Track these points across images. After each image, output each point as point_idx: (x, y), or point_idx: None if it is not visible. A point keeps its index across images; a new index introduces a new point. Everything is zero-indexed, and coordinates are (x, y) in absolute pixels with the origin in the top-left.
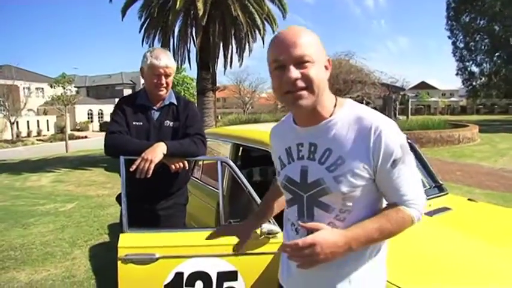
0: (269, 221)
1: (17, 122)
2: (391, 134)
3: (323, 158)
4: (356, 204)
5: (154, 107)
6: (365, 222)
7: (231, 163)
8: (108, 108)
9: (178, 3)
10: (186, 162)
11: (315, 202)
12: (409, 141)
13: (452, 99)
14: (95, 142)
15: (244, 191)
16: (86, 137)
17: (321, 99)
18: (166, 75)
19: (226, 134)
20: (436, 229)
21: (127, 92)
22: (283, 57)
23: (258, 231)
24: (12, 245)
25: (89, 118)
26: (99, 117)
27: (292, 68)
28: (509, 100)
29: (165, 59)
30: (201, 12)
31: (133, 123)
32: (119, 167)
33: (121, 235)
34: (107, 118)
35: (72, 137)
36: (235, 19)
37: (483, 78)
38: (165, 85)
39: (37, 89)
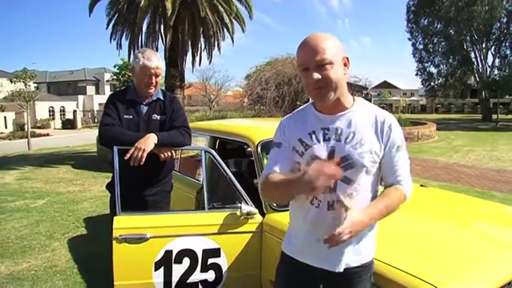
0: (247, 203)
1: None
2: (398, 127)
3: (348, 138)
4: (364, 181)
5: (143, 102)
6: (375, 202)
7: (213, 152)
8: (70, 105)
9: (143, 1)
10: (173, 152)
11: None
12: None
13: (412, 98)
14: (58, 140)
15: (223, 177)
16: (47, 134)
17: (343, 91)
18: (156, 75)
19: (204, 128)
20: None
21: (90, 89)
22: (306, 62)
23: (238, 212)
24: None
25: (50, 115)
26: (61, 115)
27: (314, 71)
28: (464, 100)
29: (156, 61)
30: (169, 12)
31: (125, 116)
32: (112, 156)
33: (115, 218)
34: (69, 115)
35: (33, 135)
36: (204, 18)
37: (440, 79)
38: (154, 84)
39: None
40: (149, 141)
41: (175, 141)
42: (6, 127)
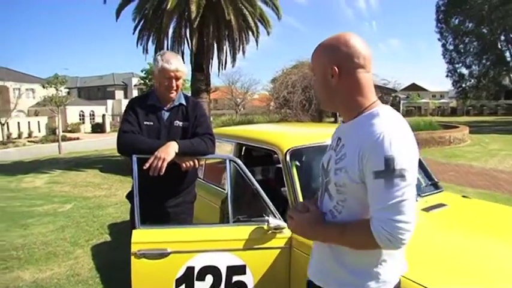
0: (275, 216)
1: (7, 124)
2: (383, 145)
3: (337, 149)
4: (349, 201)
5: (165, 108)
6: (340, 224)
7: (239, 161)
8: (99, 110)
9: (170, 4)
10: (196, 161)
11: (326, 188)
12: None
13: (442, 100)
14: (87, 143)
15: (249, 188)
16: (78, 138)
17: (338, 104)
18: (177, 78)
19: (229, 134)
20: (434, 224)
21: (119, 93)
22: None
23: (265, 226)
24: (13, 245)
25: (80, 119)
26: (90, 119)
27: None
28: (498, 102)
29: (176, 63)
30: (193, 15)
31: (145, 123)
32: (131, 165)
33: (134, 231)
34: (98, 119)
35: (64, 139)
36: (229, 21)
37: (472, 80)
38: (175, 88)
39: (27, 89)
40: (170, 150)
41: (197, 149)
42: (39, 131)
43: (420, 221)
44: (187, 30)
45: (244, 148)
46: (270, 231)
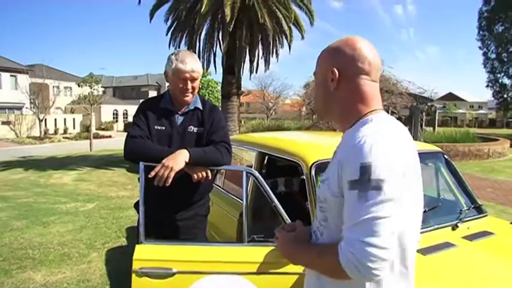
0: None
1: (45, 120)
2: (361, 150)
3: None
4: (330, 221)
5: (179, 112)
6: (314, 245)
7: (257, 174)
8: (133, 109)
9: (204, 6)
10: (209, 172)
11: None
12: (445, 157)
13: (480, 111)
14: (118, 142)
15: (268, 204)
16: (110, 136)
17: (334, 112)
18: (193, 80)
19: (252, 141)
20: (479, 256)
21: (152, 93)
22: None
23: None
24: (31, 243)
25: (114, 118)
26: (124, 118)
27: None
28: None
29: (191, 63)
30: (228, 18)
31: (156, 127)
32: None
33: (137, 246)
34: (131, 118)
35: (96, 136)
36: (262, 25)
37: None
38: (190, 90)
39: (65, 88)
40: (179, 159)
41: (211, 159)
42: (74, 128)
43: (461, 253)
44: (220, 33)
45: (267, 157)
46: None
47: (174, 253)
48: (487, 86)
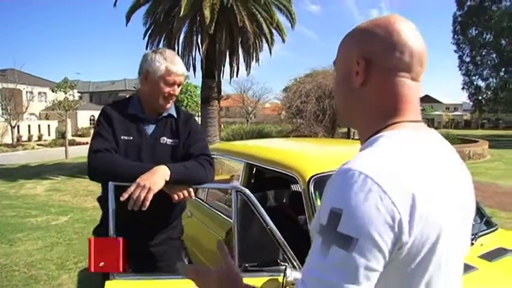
0: (294, 265)
1: (18, 126)
2: (338, 188)
3: None
4: None
5: (149, 120)
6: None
7: (248, 192)
8: None
9: (183, 10)
10: (192, 191)
11: None
12: None
13: (456, 113)
14: None
15: (261, 227)
16: (87, 143)
17: (356, 118)
18: (179, 84)
19: (239, 151)
20: (505, 281)
21: None
22: None
23: (281, 278)
24: None
25: (91, 124)
26: None
27: None
28: None
29: (181, 65)
30: (207, 20)
31: (122, 137)
32: (105, 195)
33: (107, 283)
34: None
35: (73, 143)
36: (242, 28)
37: (489, 93)
38: (175, 96)
39: (40, 93)
40: (157, 178)
41: (194, 176)
42: (49, 135)
43: (485, 278)
44: (199, 36)
45: (255, 169)
46: (287, 287)
47: None
48: (463, 88)
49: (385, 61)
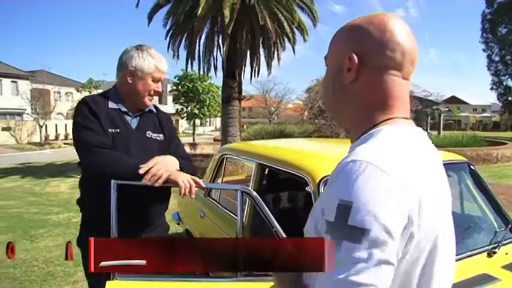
0: None
1: (46, 126)
2: (343, 181)
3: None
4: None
5: (131, 114)
6: None
7: (254, 194)
8: None
9: (201, 9)
10: (201, 182)
11: None
12: (471, 167)
13: (484, 114)
14: None
15: (268, 230)
16: None
17: (346, 114)
18: (162, 82)
19: (251, 151)
20: None
21: (154, 99)
22: None
23: None
24: (14, 260)
25: None
26: None
27: None
28: None
29: (165, 63)
30: (227, 20)
31: (110, 130)
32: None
33: (108, 283)
34: None
35: None
36: (263, 27)
37: None
38: (159, 93)
39: (67, 93)
40: (170, 163)
41: (194, 174)
42: None
43: None
44: (220, 36)
45: (267, 169)
46: None
47: None
48: (491, 88)
49: (377, 59)
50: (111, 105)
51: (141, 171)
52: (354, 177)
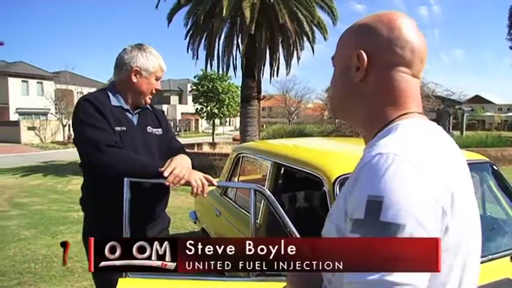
0: None
1: (69, 125)
2: (371, 176)
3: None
4: (335, 280)
5: (131, 111)
6: None
7: (267, 193)
8: None
9: (225, 10)
10: (213, 180)
11: None
12: (494, 167)
13: (510, 114)
14: None
15: (282, 230)
16: None
17: (355, 114)
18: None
19: (267, 150)
20: None
21: (174, 98)
22: None
23: None
24: (35, 256)
25: None
26: None
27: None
28: None
29: (164, 62)
30: (248, 20)
31: (116, 128)
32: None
33: (120, 280)
34: None
35: None
36: (282, 26)
37: None
38: (158, 91)
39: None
40: (187, 164)
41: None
42: None
43: None
44: (239, 36)
45: (283, 168)
46: None
47: None
48: None
49: (386, 57)
50: (114, 102)
51: (165, 174)
52: (382, 170)
